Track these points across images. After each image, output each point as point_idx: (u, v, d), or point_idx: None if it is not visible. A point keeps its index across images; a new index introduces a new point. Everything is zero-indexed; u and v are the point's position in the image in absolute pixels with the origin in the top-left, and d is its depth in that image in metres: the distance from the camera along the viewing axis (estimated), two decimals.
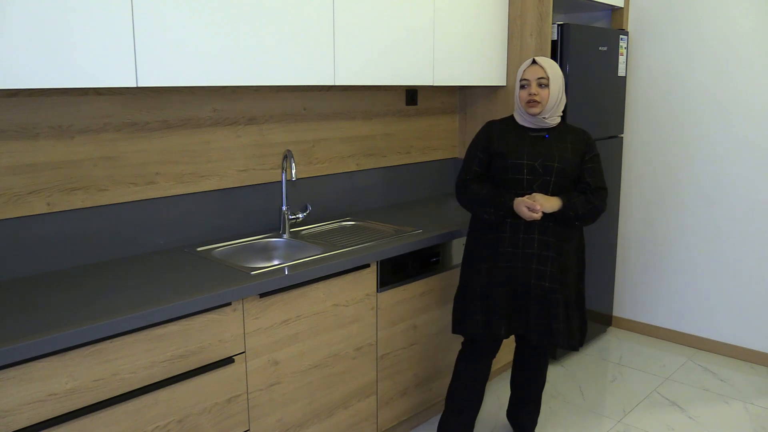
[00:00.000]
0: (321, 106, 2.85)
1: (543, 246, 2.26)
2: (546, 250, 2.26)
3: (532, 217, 2.20)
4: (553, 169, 2.24)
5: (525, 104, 2.28)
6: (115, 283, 1.98)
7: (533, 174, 2.25)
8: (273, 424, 2.13)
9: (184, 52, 1.99)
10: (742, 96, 3.37)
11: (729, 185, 3.47)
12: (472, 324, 2.35)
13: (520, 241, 2.27)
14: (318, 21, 2.36)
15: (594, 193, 2.30)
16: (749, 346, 3.51)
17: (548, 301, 2.27)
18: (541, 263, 2.26)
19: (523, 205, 2.20)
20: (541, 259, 2.26)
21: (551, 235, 2.26)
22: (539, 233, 2.26)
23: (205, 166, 2.46)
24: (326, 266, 2.19)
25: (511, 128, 2.36)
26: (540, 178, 2.25)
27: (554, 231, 2.27)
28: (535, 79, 2.26)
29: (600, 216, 2.34)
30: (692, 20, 3.48)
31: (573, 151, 2.29)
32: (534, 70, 2.27)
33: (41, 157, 2.03)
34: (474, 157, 2.37)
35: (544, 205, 2.20)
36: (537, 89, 2.25)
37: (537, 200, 2.21)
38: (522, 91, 2.29)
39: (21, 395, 1.53)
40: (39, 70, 1.68)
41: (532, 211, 2.19)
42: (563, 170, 2.25)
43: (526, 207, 2.20)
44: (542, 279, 2.26)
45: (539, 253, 2.26)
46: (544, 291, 2.26)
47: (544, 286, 2.26)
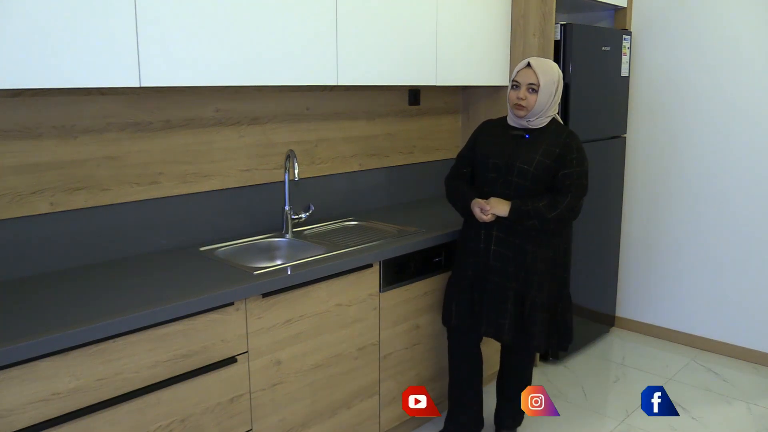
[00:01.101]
0: (324, 106, 2.85)
1: (500, 243, 2.33)
2: (503, 247, 2.33)
3: (481, 218, 2.30)
4: (515, 169, 2.28)
5: (513, 105, 2.33)
6: (118, 282, 1.98)
7: (497, 172, 2.32)
8: (275, 423, 2.13)
9: (187, 52, 1.99)
10: (745, 96, 3.36)
11: (732, 185, 3.46)
12: (447, 313, 2.49)
13: (482, 237, 2.36)
14: (321, 21, 2.36)
15: (561, 196, 2.25)
16: (753, 347, 3.50)
17: (498, 297, 2.35)
18: (498, 260, 2.34)
19: (476, 206, 2.31)
20: (498, 255, 2.34)
21: (512, 234, 2.32)
22: (497, 230, 2.33)
23: (208, 166, 2.46)
24: (329, 266, 2.19)
25: (498, 128, 2.43)
26: (503, 177, 2.31)
27: (515, 230, 2.31)
28: (526, 84, 2.28)
29: (572, 218, 2.31)
30: (695, 20, 3.47)
31: (544, 153, 2.27)
32: (526, 74, 2.28)
33: (44, 157, 2.03)
34: (461, 156, 2.52)
35: (495, 208, 2.28)
36: (525, 94, 2.28)
37: (490, 203, 2.29)
38: (512, 91, 2.33)
39: (24, 394, 1.53)
40: (42, 69, 1.68)
41: (483, 212, 2.29)
42: (525, 171, 2.27)
43: (478, 208, 2.30)
44: (496, 275, 2.35)
45: (496, 250, 2.34)
46: (496, 286, 2.35)
47: (496, 281, 2.35)
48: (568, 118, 3.20)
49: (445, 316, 2.51)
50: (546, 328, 2.37)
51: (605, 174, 3.56)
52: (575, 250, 2.64)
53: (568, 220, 2.30)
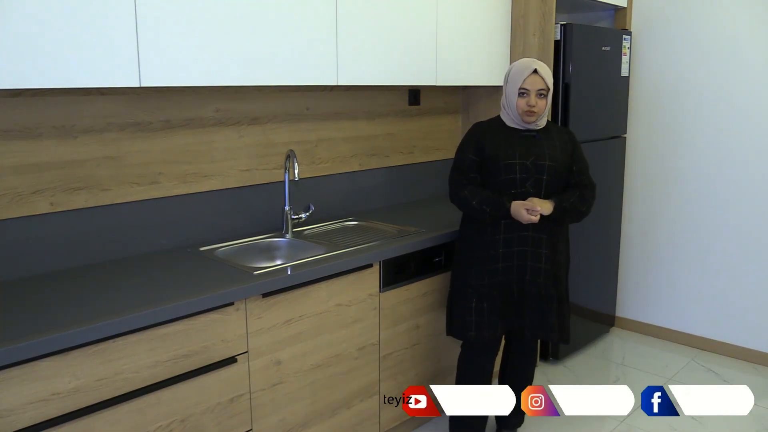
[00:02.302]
0: (324, 106, 2.85)
1: (536, 243, 2.31)
2: (540, 247, 2.31)
3: (530, 220, 2.24)
4: (545, 168, 2.29)
5: (522, 113, 2.29)
6: (118, 282, 1.98)
7: (526, 173, 2.29)
8: (275, 423, 2.13)
9: (187, 52, 1.99)
10: (745, 96, 3.36)
11: (732, 185, 3.46)
12: (468, 326, 2.36)
13: (515, 240, 2.31)
14: (321, 21, 2.36)
15: (586, 190, 2.37)
16: (753, 347, 3.50)
17: (543, 298, 2.33)
18: (536, 260, 2.31)
19: (522, 208, 2.24)
20: (536, 256, 2.31)
21: (544, 231, 2.31)
22: (533, 230, 2.30)
23: (208, 166, 2.46)
24: (329, 266, 2.19)
25: (500, 130, 2.38)
26: (532, 176, 2.29)
27: (546, 228, 2.31)
28: (536, 90, 2.27)
29: (591, 210, 2.41)
30: (695, 20, 3.47)
31: (562, 150, 2.34)
32: (534, 81, 2.27)
33: (44, 157, 2.03)
34: (466, 159, 2.37)
35: (543, 207, 2.25)
36: (536, 100, 2.27)
37: (535, 203, 2.25)
38: (520, 99, 2.28)
39: (24, 394, 1.53)
40: (42, 69, 1.69)
41: (531, 213, 2.23)
42: (555, 168, 2.30)
43: (525, 210, 2.23)
44: (537, 275, 2.32)
45: (533, 251, 2.31)
46: (539, 287, 2.32)
47: (539, 282, 2.32)
48: (568, 118, 3.20)
49: (458, 329, 2.41)
50: (567, 319, 2.44)
51: (605, 174, 3.55)
52: (575, 250, 2.65)
53: (590, 212, 2.40)
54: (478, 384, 2.48)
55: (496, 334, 2.37)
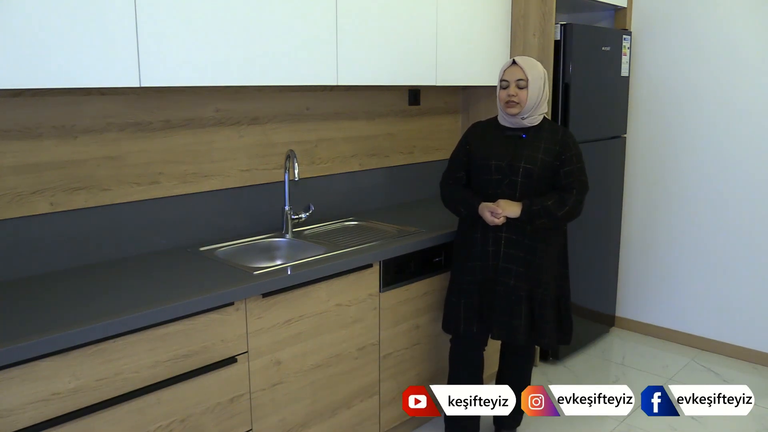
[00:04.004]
0: (324, 106, 2.85)
1: (510, 244, 2.32)
2: (513, 248, 2.32)
3: (494, 222, 2.27)
4: (520, 169, 2.28)
5: (504, 104, 2.33)
6: (118, 282, 1.98)
7: (501, 174, 2.31)
8: (275, 423, 2.13)
9: (187, 52, 1.99)
10: (745, 96, 3.36)
11: (732, 185, 3.46)
12: (454, 320, 2.43)
13: (490, 240, 2.33)
14: (321, 21, 2.36)
15: (569, 194, 2.30)
16: (752, 347, 3.50)
17: (511, 299, 2.33)
18: (507, 261, 2.32)
19: (486, 210, 2.28)
20: (508, 257, 2.32)
21: (520, 234, 2.31)
22: (506, 231, 2.31)
23: (208, 166, 2.46)
24: (329, 266, 2.20)
25: (491, 129, 2.42)
26: (507, 178, 2.30)
27: (524, 230, 2.31)
28: (514, 81, 2.30)
29: (577, 215, 2.35)
30: (695, 20, 3.47)
31: (545, 151, 2.30)
32: (513, 71, 2.30)
33: (44, 156, 2.03)
34: (456, 159, 2.46)
35: (506, 210, 2.26)
36: (516, 90, 2.29)
37: (500, 205, 2.27)
38: (501, 91, 2.34)
39: (24, 395, 1.53)
40: (42, 69, 1.69)
41: (495, 216, 2.26)
42: (530, 171, 2.28)
43: (489, 212, 2.27)
44: (507, 276, 2.32)
45: (507, 252, 2.32)
46: (508, 289, 2.32)
47: (509, 283, 2.32)
48: (568, 118, 3.20)
49: (448, 323, 2.47)
50: (554, 324, 2.41)
51: (605, 174, 3.56)
52: (575, 251, 2.65)
53: (574, 217, 2.34)
54: (467, 377, 2.51)
55: (472, 330, 2.40)
